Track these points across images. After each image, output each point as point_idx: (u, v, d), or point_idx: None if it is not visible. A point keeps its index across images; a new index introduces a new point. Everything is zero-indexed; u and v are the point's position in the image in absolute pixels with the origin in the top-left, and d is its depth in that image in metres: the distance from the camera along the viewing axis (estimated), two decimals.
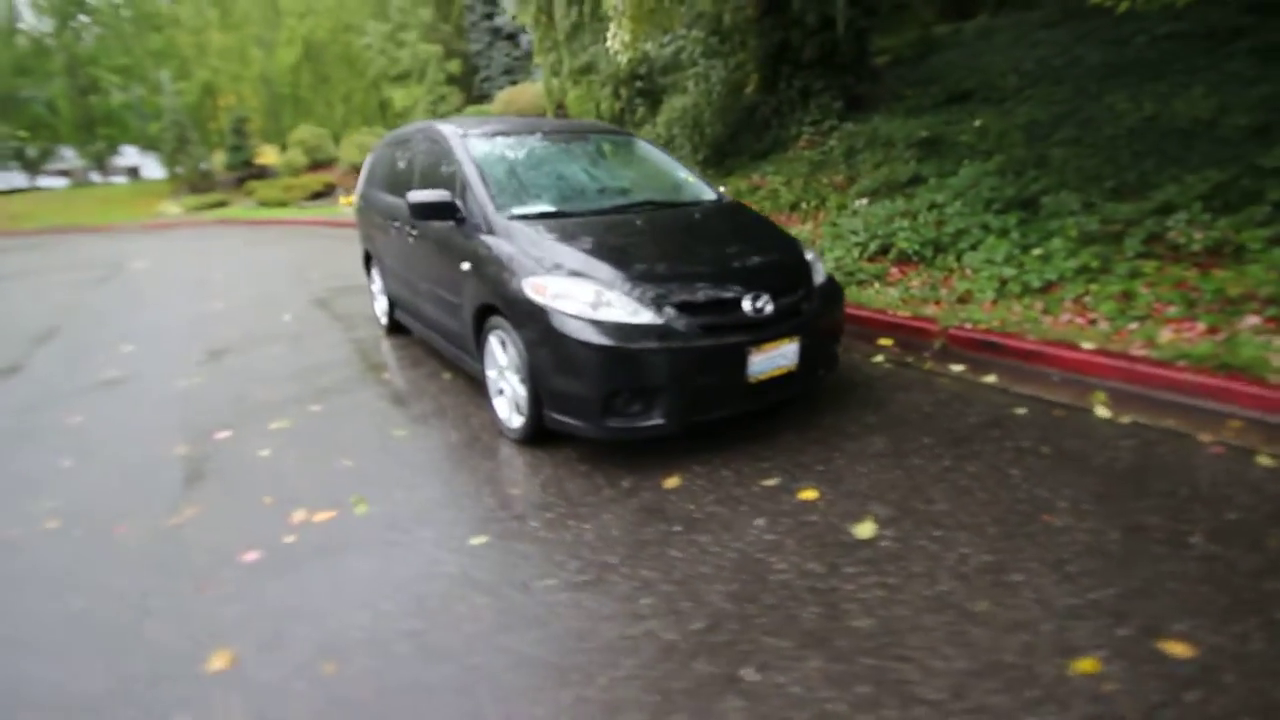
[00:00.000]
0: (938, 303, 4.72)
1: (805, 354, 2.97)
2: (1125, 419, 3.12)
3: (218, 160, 22.26)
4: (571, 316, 2.67)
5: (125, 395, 4.26)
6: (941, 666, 1.73)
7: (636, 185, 3.82)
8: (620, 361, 2.63)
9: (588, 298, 2.69)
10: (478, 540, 2.40)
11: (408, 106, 22.67)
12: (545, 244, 2.94)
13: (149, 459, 3.28)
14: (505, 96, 18.02)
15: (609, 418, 2.71)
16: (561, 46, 10.16)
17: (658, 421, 2.72)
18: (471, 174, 3.39)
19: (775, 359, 2.86)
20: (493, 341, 3.20)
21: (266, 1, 23.15)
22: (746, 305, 2.82)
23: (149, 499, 2.87)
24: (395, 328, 5.21)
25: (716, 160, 9.63)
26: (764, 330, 2.82)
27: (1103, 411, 3.21)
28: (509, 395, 3.18)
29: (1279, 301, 3.61)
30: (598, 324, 2.64)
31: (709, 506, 2.54)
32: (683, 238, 3.22)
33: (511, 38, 22.74)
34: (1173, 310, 3.86)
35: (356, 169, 22.89)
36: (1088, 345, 3.72)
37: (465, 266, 3.29)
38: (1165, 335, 3.65)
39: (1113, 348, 3.66)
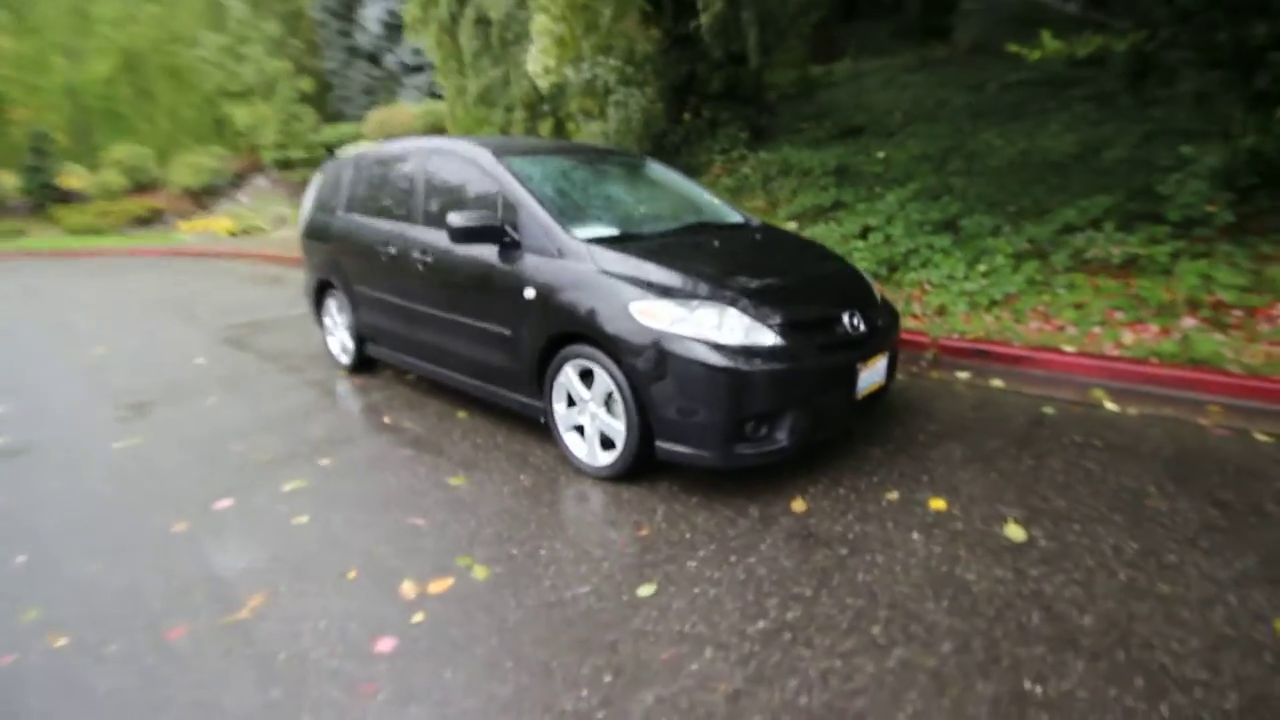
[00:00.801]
0: (915, 316, 5.09)
1: (889, 368, 3.06)
2: (1133, 410, 3.53)
3: (8, 183, 18.63)
4: (695, 340, 2.54)
5: (45, 466, 3.39)
6: (1181, 649, 1.84)
7: (677, 207, 3.74)
8: (751, 385, 2.54)
9: (711, 320, 2.57)
10: (646, 590, 2.18)
11: (252, 125, 20.56)
12: (641, 266, 2.78)
13: (143, 543, 2.63)
14: (378, 118, 16.98)
15: (737, 444, 2.59)
16: (467, 69, 9.80)
17: (782, 445, 2.65)
18: (523, 196, 3.13)
19: (873, 375, 2.92)
20: (568, 373, 2.95)
21: (72, 7, 19.93)
22: (846, 322, 2.85)
23: (182, 593, 2.29)
24: (362, 365, 4.65)
25: None
26: (865, 347, 2.87)
27: (1111, 406, 3.62)
28: (590, 430, 2.95)
29: (1201, 305, 4.30)
30: (723, 348, 2.54)
31: (856, 526, 2.51)
32: (759, 258, 3.19)
33: (372, 57, 21.53)
34: (1121, 316, 4.47)
35: (188, 192, 20.25)
36: (1069, 348, 4.20)
37: (529, 294, 3.02)
38: (1128, 337, 4.21)
39: (1090, 349, 4.17)
